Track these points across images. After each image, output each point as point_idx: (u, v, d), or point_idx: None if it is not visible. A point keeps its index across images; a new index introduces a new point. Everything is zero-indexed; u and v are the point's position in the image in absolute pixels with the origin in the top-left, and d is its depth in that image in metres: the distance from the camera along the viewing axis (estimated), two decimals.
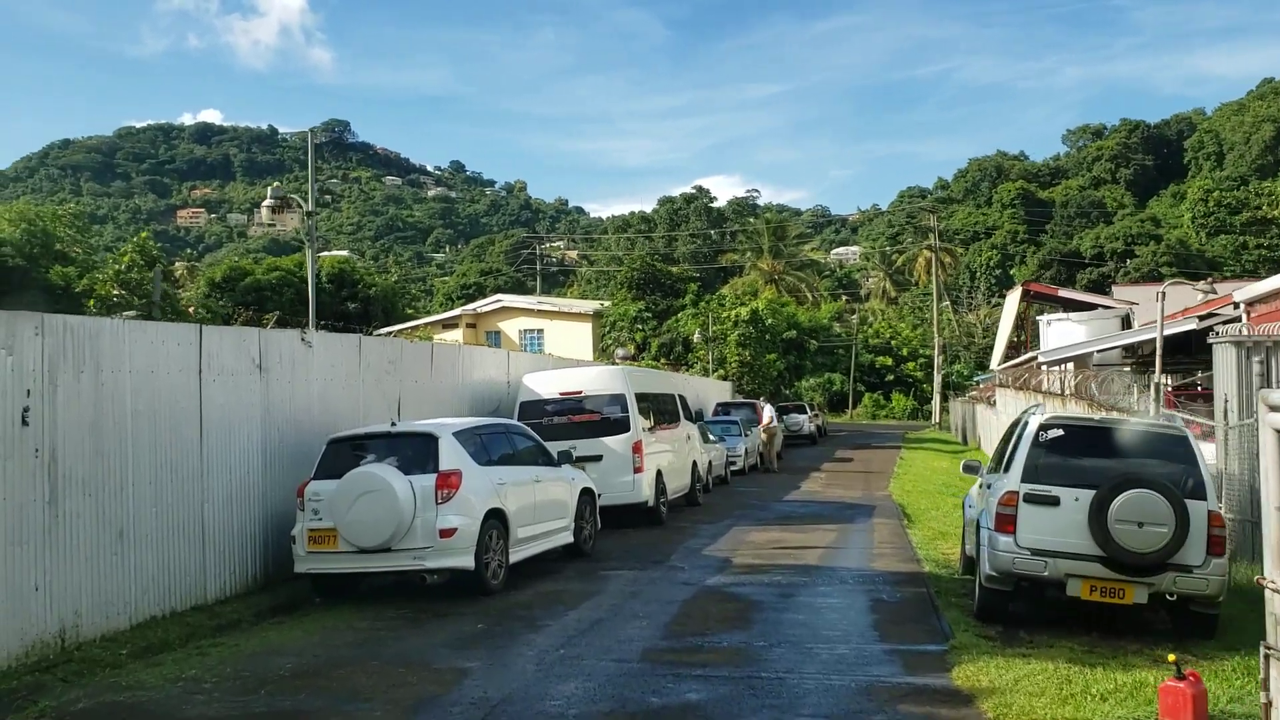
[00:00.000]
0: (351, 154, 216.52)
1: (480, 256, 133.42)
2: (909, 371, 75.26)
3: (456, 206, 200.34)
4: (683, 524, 18.26)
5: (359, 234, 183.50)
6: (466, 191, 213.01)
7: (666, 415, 20.04)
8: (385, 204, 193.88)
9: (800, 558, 14.22)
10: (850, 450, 41.55)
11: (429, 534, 11.68)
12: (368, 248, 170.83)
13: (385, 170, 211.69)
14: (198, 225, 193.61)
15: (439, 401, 16.92)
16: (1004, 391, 33.24)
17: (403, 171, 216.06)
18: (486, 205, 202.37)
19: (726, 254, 79.35)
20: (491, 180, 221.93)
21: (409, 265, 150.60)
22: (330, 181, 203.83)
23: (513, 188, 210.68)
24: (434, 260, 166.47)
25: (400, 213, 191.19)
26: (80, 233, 50.31)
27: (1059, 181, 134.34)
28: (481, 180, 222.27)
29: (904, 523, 18.38)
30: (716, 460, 25.75)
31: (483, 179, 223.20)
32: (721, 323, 43.06)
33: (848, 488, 25.86)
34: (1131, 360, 31.60)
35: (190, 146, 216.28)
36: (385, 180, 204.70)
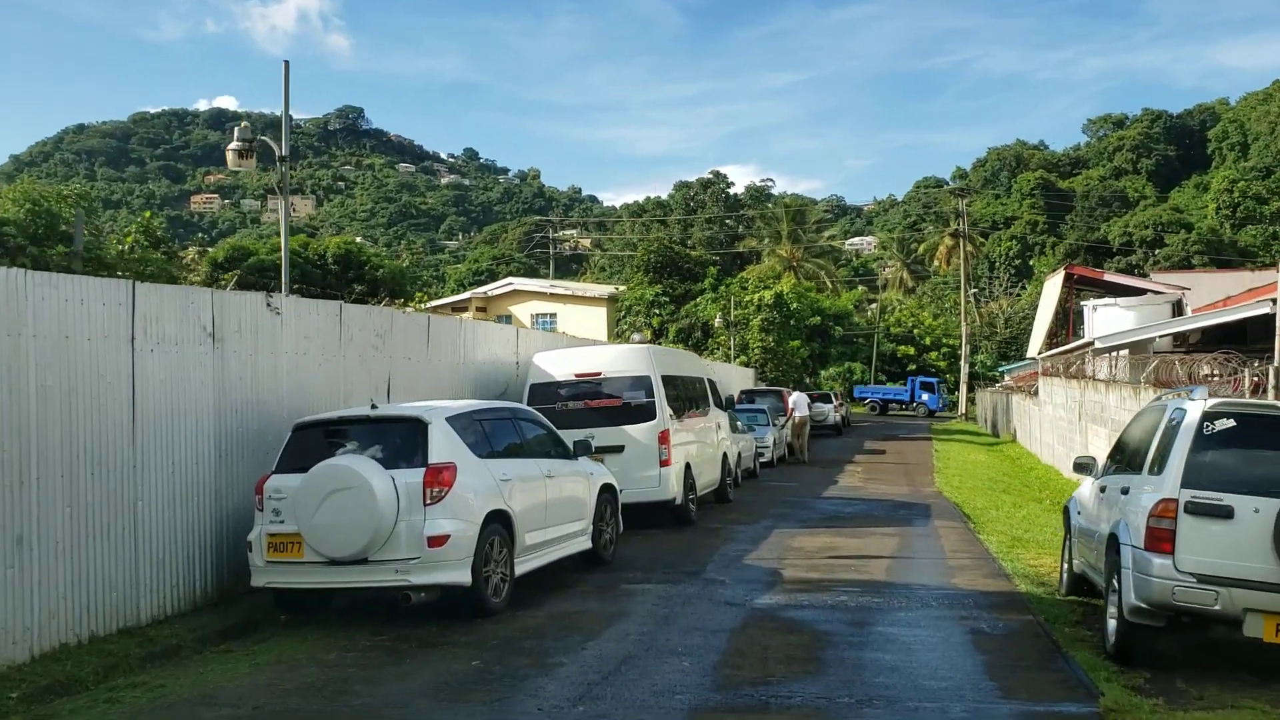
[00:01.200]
0: (365, 141, 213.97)
1: (493, 243, 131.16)
2: (932, 361, 72.52)
3: (470, 194, 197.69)
4: (715, 525, 15.85)
5: (372, 221, 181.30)
6: (480, 179, 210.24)
7: (695, 401, 17.62)
8: (399, 191, 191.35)
9: (864, 570, 11.79)
10: (879, 441, 39.05)
11: (415, 542, 9.32)
12: (381, 235, 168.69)
13: (399, 157, 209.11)
14: (211, 211, 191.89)
15: (436, 383, 14.53)
16: (1050, 381, 30.75)
17: (416, 159, 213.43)
18: (500, 193, 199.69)
19: (744, 240, 76.77)
20: (505, 168, 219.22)
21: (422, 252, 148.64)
22: (344, 168, 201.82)
23: (526, 176, 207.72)
24: (447, 248, 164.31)
25: (414, 200, 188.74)
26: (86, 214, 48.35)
27: (1079, 171, 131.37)
28: (495, 168, 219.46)
29: (970, 525, 15.92)
30: (745, 452, 23.34)
31: (496, 166, 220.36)
32: (744, 307, 40.61)
33: (890, 483, 23.39)
34: (1182, 349, 29.12)
35: (204, 132, 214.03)
36: (399, 167, 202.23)
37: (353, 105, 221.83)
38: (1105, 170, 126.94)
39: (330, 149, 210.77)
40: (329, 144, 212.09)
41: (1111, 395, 22.08)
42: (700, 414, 17.67)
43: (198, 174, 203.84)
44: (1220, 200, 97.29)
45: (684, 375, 17.36)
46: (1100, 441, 23.19)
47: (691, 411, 17.15)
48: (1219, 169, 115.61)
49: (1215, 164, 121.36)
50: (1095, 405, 23.84)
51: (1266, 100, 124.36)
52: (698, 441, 17.08)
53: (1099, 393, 23.51)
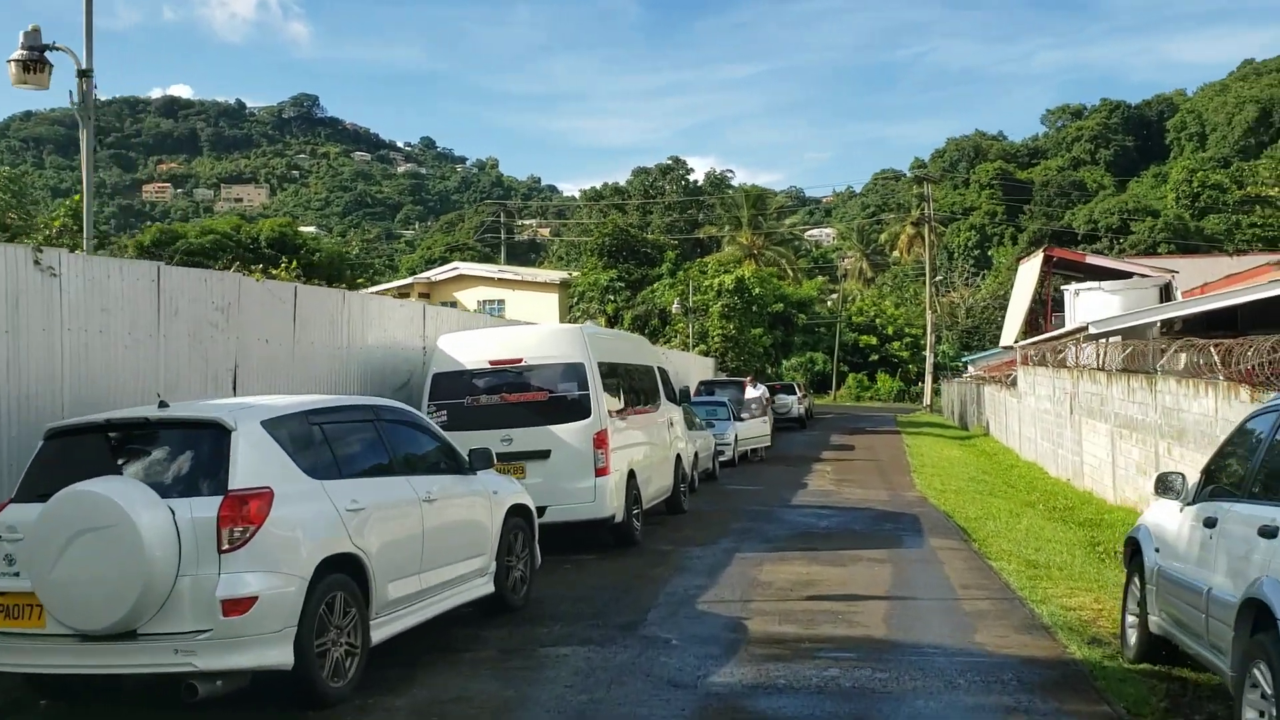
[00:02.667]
0: (320, 129, 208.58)
1: (450, 232, 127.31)
2: (894, 351, 69.99)
3: (427, 183, 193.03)
4: (665, 546, 12.74)
5: (327, 210, 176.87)
6: (437, 168, 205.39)
7: (641, 395, 14.50)
8: (354, 180, 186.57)
9: (855, 620, 8.72)
10: (845, 435, 36.17)
11: (204, 607, 6.18)
12: (336, 224, 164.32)
13: (355, 146, 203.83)
14: (164, 200, 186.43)
15: (308, 373, 11.31)
16: (1032, 371, 27.99)
17: (372, 147, 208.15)
18: (457, 182, 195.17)
19: (704, 228, 73.67)
20: (463, 157, 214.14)
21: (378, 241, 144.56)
22: (298, 157, 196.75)
23: (484, 165, 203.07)
24: (403, 236, 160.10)
25: (369, 189, 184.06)
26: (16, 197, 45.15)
27: (1038, 162, 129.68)
28: (453, 157, 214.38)
29: (971, 544, 12.92)
30: (704, 451, 20.29)
31: (454, 156, 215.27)
32: (703, 292, 37.54)
33: (866, 486, 20.44)
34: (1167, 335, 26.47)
35: (157, 120, 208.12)
36: (354, 156, 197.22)
37: (308, 93, 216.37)
38: (1064, 161, 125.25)
39: (285, 137, 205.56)
40: (283, 132, 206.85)
41: (1115, 387, 19.22)
42: (648, 409, 14.55)
43: (150, 163, 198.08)
44: (1179, 190, 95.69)
45: (628, 363, 14.21)
46: (1100, 439, 20.36)
47: (637, 407, 14.03)
48: (1177, 159, 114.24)
49: (1174, 154, 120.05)
50: (1092, 398, 20.99)
51: (1223, 91, 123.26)
52: (645, 443, 13.96)
53: (1097, 384, 20.66)
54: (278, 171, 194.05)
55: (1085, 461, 21.53)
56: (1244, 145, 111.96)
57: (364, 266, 75.97)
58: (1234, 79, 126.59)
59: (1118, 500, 18.98)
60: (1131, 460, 18.13)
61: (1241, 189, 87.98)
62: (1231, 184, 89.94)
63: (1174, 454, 15.73)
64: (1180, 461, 15.43)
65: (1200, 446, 14.45)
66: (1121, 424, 18.67)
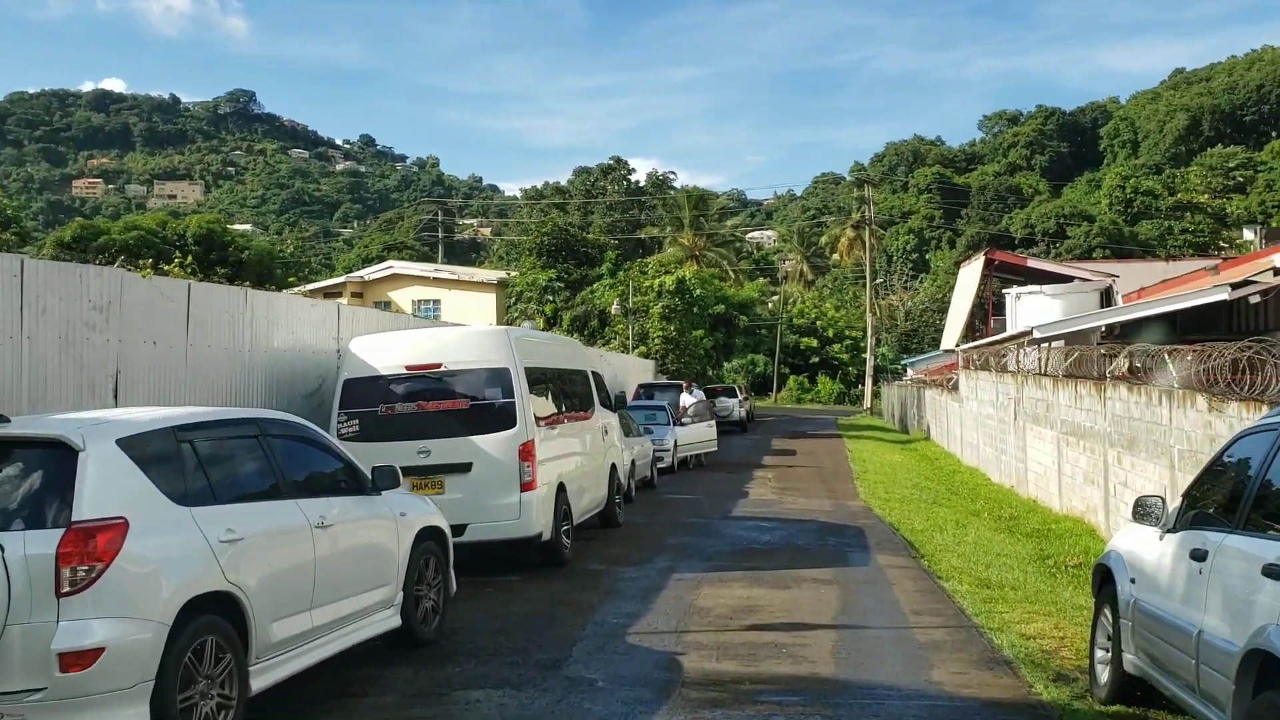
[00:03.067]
0: (257, 126, 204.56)
1: (389, 231, 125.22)
2: (835, 354, 69.84)
3: (366, 181, 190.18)
4: (596, 565, 11.85)
5: (263, 207, 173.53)
6: (377, 166, 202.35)
7: (573, 401, 13.61)
8: (291, 177, 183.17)
9: (799, 653, 7.91)
10: (787, 440, 35.57)
11: (37, 663, 5.21)
12: (272, 221, 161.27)
13: (292, 143, 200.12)
14: (94, 196, 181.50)
15: (205, 380, 10.26)
16: (974, 375, 27.57)
17: (310, 144, 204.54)
18: (397, 181, 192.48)
19: (645, 228, 72.86)
20: (403, 156, 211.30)
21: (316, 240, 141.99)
22: (234, 154, 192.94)
23: (425, 163, 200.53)
24: (341, 235, 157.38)
25: (307, 186, 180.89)
26: None
27: (975, 167, 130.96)
28: (393, 155, 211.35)
29: (921, 561, 12.21)
30: (641, 458, 19.46)
31: (394, 154, 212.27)
32: (644, 293, 36.69)
33: (809, 494, 19.74)
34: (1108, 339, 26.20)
35: (88, 114, 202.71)
36: (292, 153, 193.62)
37: (244, 89, 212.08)
38: (1000, 166, 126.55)
39: (221, 133, 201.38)
40: (219, 128, 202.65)
41: (1062, 392, 18.71)
42: (581, 417, 13.66)
43: (80, 157, 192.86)
44: (1113, 196, 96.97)
45: (559, 368, 13.30)
46: (1045, 445, 19.87)
47: (569, 414, 13.13)
48: (1111, 166, 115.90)
49: (1107, 161, 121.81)
50: (1038, 403, 20.50)
51: (1155, 99, 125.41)
52: (577, 453, 13.07)
53: (1043, 389, 20.16)
54: (213, 168, 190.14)
55: (1030, 469, 21.05)
56: (1175, 152, 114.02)
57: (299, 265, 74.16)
58: (1165, 88, 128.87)
59: (1064, 509, 18.48)
60: (1079, 469, 17.62)
61: (1173, 195, 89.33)
62: (1164, 191, 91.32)
63: (1125, 463, 15.21)
64: (1131, 471, 14.92)
65: (1153, 456, 13.93)
66: (1068, 431, 18.17)
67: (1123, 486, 15.36)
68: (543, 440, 11.39)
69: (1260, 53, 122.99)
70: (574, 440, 13.01)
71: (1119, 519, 15.71)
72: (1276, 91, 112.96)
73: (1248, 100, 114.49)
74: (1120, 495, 15.43)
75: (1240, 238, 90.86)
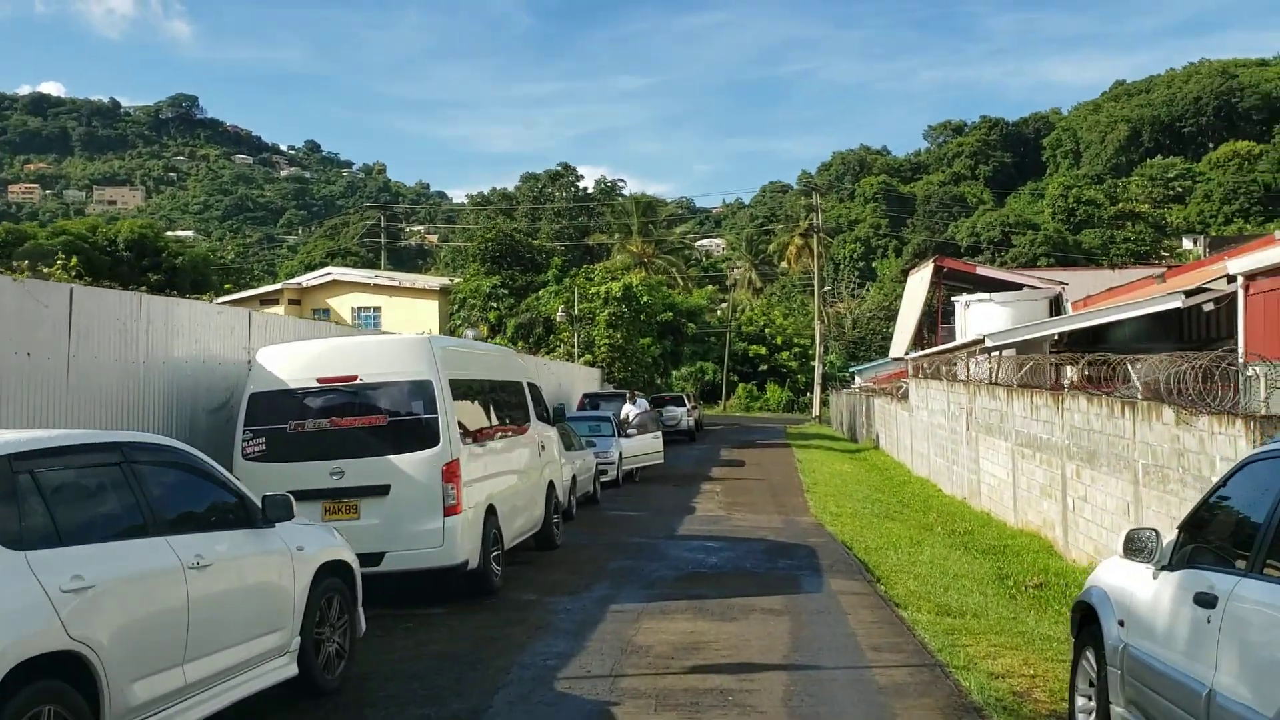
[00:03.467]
0: (200, 131, 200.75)
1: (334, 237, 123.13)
2: (783, 361, 69.38)
3: (311, 187, 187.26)
4: (528, 595, 10.91)
5: (206, 214, 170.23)
6: (322, 172, 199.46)
7: (507, 414, 12.66)
8: (235, 183, 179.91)
9: (747, 701, 7.03)
10: (736, 449, 34.83)
11: None
12: (215, 228, 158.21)
13: (236, 149, 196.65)
14: (31, 201, 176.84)
15: (91, 394, 9.18)
16: (925, 384, 27.00)
17: (254, 150, 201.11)
18: (343, 186, 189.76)
19: (593, 235, 71.95)
20: (349, 162, 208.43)
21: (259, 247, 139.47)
22: (176, 159, 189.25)
23: (371, 170, 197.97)
24: (285, 242, 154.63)
25: (251, 192, 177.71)
26: None
27: (920, 176, 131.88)
28: (338, 161, 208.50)
29: (876, 586, 11.41)
30: (583, 472, 18.54)
31: (340, 160, 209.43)
32: (590, 300, 35.75)
33: (758, 508, 18.92)
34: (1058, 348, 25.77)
35: (24, 118, 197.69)
36: (235, 159, 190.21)
37: (186, 93, 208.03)
38: (945, 176, 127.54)
39: (162, 138, 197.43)
40: (161, 133, 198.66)
41: (1017, 403, 18.09)
42: (514, 432, 12.71)
43: (16, 162, 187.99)
44: (1056, 206, 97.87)
45: (489, 379, 12.34)
46: (999, 457, 19.27)
47: (500, 429, 12.18)
48: (1054, 176, 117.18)
49: (1050, 171, 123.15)
50: (991, 414, 19.89)
51: (1096, 110, 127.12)
52: (509, 471, 12.12)
53: (997, 399, 19.55)
54: (154, 174, 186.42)
55: (983, 481, 20.44)
56: (1116, 163, 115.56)
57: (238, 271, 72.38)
58: (1106, 99, 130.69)
59: (1019, 523, 17.87)
60: (1035, 482, 17.00)
61: (1115, 205, 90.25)
62: (1105, 200, 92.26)
63: (1084, 477, 14.58)
64: (1092, 485, 14.29)
65: (1115, 470, 13.30)
66: (1024, 443, 17.55)
67: (1082, 501, 14.74)
68: (470, 459, 10.44)
69: (1198, 65, 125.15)
70: (506, 458, 12.06)
71: (1078, 534, 15.10)
72: (1213, 104, 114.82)
73: (1186, 112, 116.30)
74: (1080, 510, 14.81)
75: (1180, 247, 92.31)
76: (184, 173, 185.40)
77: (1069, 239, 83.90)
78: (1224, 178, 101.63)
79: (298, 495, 9.87)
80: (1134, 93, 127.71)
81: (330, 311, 43.54)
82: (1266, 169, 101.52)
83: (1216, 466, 10.41)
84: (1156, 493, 11.96)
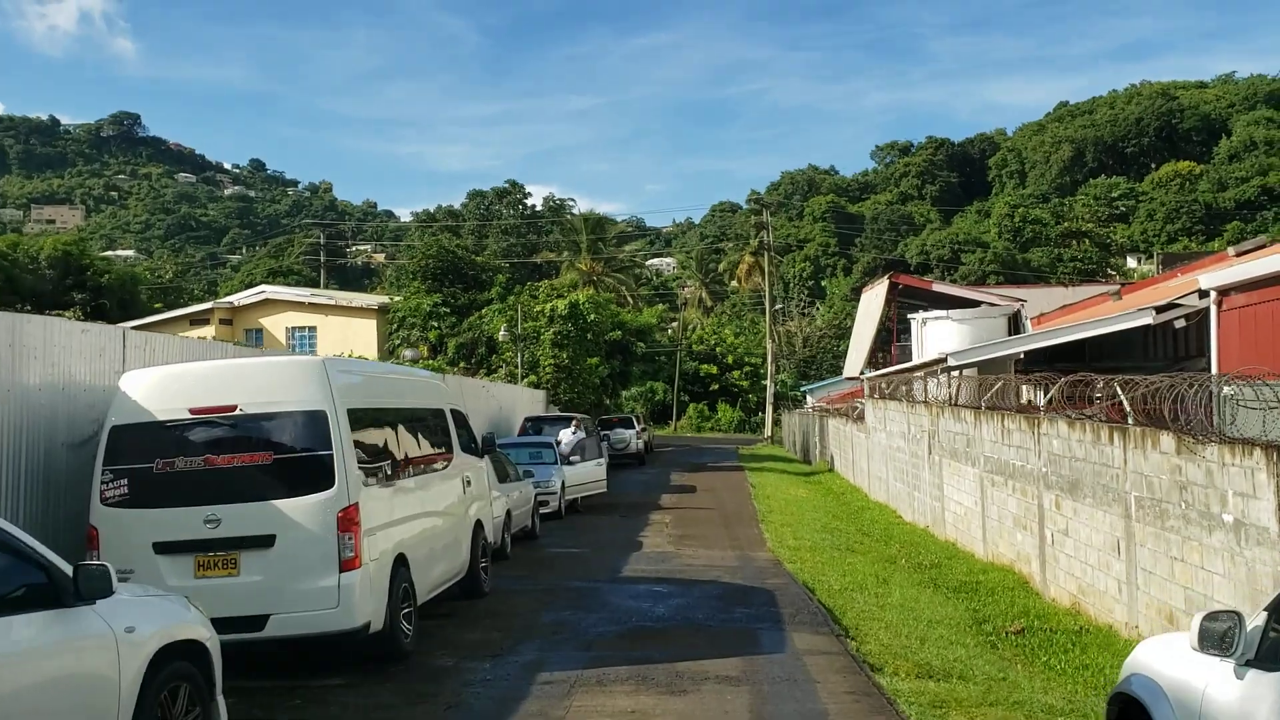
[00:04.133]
0: (141, 149, 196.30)
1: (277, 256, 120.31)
2: (734, 380, 68.13)
3: (255, 206, 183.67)
4: (443, 659, 9.30)
5: (148, 233, 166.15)
6: (267, 191, 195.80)
7: (424, 447, 11.07)
8: (178, 202, 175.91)
9: None
10: (687, 474, 33.37)
11: None
12: (156, 247, 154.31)
13: (178, 167, 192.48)
14: None
15: None
16: (882, 405, 25.78)
17: (198, 168, 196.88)
18: (289, 205, 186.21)
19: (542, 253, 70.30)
20: (295, 180, 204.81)
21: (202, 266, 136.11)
22: (118, 178, 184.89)
23: (318, 188, 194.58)
24: (229, 262, 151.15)
25: (194, 211, 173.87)
26: None
27: (868, 196, 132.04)
28: (284, 180, 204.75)
29: (847, 643, 9.95)
30: (520, 505, 16.96)
31: (285, 179, 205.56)
32: (535, 319, 34.16)
33: (710, 542, 17.46)
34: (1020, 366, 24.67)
35: None
36: (178, 178, 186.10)
37: (128, 111, 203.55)
38: (893, 195, 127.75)
39: (103, 156, 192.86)
40: (101, 151, 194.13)
41: (986, 427, 16.82)
42: (433, 467, 11.13)
43: None
44: (1002, 225, 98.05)
45: (401, 407, 10.73)
46: (966, 484, 18.01)
47: (415, 464, 10.59)
48: (1000, 195, 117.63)
49: (996, 190, 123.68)
50: (957, 438, 18.63)
51: (1041, 131, 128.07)
52: (426, 514, 10.52)
53: (963, 422, 18.29)
54: (94, 192, 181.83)
55: (948, 509, 19.17)
56: (1061, 182, 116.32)
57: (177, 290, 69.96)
58: (1050, 119, 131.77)
59: (989, 555, 16.59)
60: (1008, 512, 15.72)
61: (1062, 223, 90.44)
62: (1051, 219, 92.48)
63: (1065, 509, 13.29)
64: (1074, 518, 13.00)
65: (1101, 502, 12.01)
66: (994, 469, 16.28)
67: (1062, 535, 13.45)
68: (373, 502, 8.86)
69: (1139, 87, 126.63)
70: (421, 497, 10.47)
71: (1058, 570, 13.82)
72: (1154, 124, 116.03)
73: (1128, 133, 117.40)
74: (1060, 544, 13.52)
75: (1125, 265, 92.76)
76: (125, 191, 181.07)
77: (1018, 257, 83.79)
78: (1166, 197, 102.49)
79: (166, 546, 8.42)
80: (1077, 113, 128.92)
81: (263, 332, 41.51)
82: (1207, 189, 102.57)
83: (1229, 502, 9.15)
84: (1153, 530, 10.67)
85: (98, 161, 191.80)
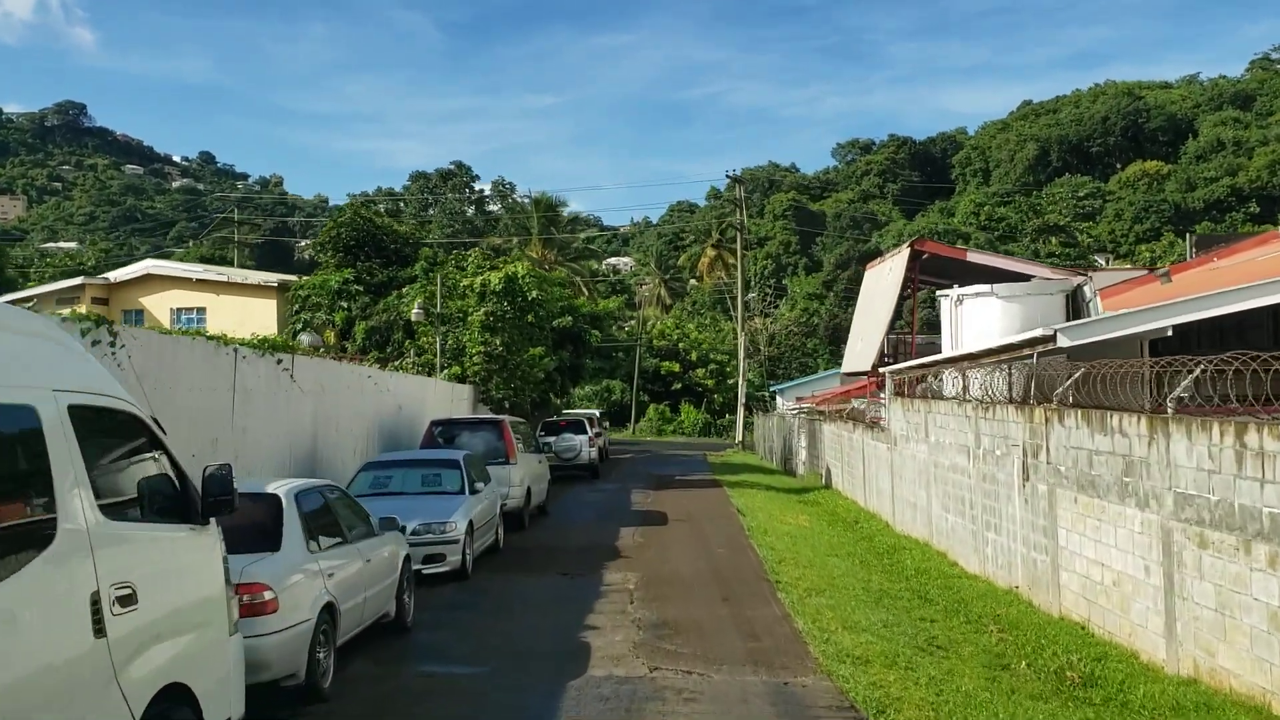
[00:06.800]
0: (87, 140, 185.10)
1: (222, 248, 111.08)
2: (699, 379, 60.56)
3: (204, 199, 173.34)
4: None
5: (92, 225, 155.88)
6: (216, 184, 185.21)
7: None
8: (124, 194, 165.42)
9: None
10: (652, 491, 25.73)
11: None
12: (101, 239, 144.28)
13: (125, 158, 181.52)
14: None
15: None
16: (916, 405, 18.36)
17: (145, 160, 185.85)
18: (238, 199, 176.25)
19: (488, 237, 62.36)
20: (245, 174, 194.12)
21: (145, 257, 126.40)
22: (61, 168, 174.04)
23: (268, 182, 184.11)
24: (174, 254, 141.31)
25: (140, 203, 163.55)
26: None
27: (830, 194, 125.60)
28: (234, 173, 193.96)
29: None
30: (373, 585, 9.16)
31: (235, 172, 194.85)
32: (462, 296, 26.34)
33: (708, 643, 9.72)
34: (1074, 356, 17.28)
35: None
36: (125, 169, 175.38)
37: (74, 100, 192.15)
38: (855, 194, 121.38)
39: (47, 146, 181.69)
40: (45, 141, 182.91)
41: (1178, 442, 9.33)
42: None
43: None
44: (967, 224, 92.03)
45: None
46: (1126, 536, 10.53)
47: None
48: (963, 194, 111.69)
49: (959, 189, 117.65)
50: (1097, 459, 11.14)
51: (1005, 130, 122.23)
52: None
53: (1119, 434, 10.77)
54: (37, 183, 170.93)
55: (1068, 567, 11.70)
56: (1025, 181, 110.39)
57: (76, 273, 61.04)
58: (1014, 118, 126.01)
59: (1179, 664, 9.18)
60: (1234, 597, 8.31)
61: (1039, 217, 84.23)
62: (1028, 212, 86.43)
63: None
64: None
65: None
66: (1200, 519, 8.84)
67: None
68: None
69: (1104, 86, 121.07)
70: None
71: None
72: (1120, 124, 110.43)
73: (1094, 132, 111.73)
74: None
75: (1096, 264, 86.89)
76: (70, 182, 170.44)
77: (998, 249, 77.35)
78: (1134, 197, 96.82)
79: None
80: (1042, 112, 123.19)
81: (144, 313, 33.27)
82: (1175, 189, 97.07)
83: None
84: None
85: (41, 151, 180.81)
